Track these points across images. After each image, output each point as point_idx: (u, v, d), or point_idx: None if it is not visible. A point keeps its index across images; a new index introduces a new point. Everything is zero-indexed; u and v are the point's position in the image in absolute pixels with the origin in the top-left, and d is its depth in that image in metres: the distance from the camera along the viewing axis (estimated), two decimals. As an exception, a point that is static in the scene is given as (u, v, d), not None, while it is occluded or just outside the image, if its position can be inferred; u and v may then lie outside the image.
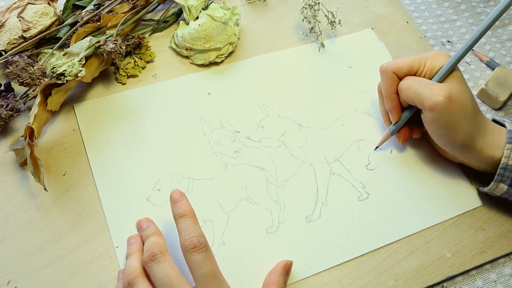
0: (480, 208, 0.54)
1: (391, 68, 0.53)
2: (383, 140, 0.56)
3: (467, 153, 0.51)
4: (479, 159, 0.51)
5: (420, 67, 0.52)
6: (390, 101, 0.54)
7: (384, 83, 0.54)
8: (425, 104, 0.49)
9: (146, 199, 0.52)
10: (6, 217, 0.50)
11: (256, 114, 0.59)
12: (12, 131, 0.55)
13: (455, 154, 0.53)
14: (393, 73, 0.53)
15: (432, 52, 0.53)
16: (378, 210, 0.53)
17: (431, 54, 0.53)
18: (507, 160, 0.49)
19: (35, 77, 0.52)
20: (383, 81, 0.54)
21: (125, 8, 0.62)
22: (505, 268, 0.52)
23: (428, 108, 0.49)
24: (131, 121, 0.57)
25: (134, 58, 0.61)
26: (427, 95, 0.49)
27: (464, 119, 0.49)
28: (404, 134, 0.55)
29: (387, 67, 0.53)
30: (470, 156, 0.51)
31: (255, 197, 0.53)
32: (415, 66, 0.52)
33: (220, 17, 0.61)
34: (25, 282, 0.47)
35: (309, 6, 0.64)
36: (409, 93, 0.51)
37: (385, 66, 0.53)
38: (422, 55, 0.53)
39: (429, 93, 0.49)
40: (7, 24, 0.58)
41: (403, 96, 0.52)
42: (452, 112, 0.49)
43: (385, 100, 0.54)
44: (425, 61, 0.52)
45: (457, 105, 0.49)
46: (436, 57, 0.52)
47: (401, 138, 0.56)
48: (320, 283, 0.49)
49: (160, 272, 0.42)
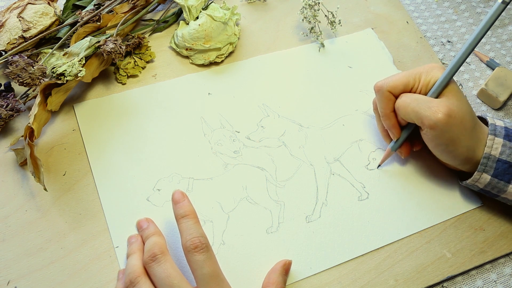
0: (480, 208, 0.54)
1: (386, 87, 0.52)
2: (385, 157, 0.56)
3: (469, 164, 0.50)
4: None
5: (415, 83, 0.51)
6: (388, 120, 0.53)
7: (380, 103, 0.53)
8: (425, 123, 0.48)
9: (146, 199, 0.52)
10: (6, 217, 0.50)
11: (256, 114, 0.59)
12: (12, 131, 0.55)
13: (456, 166, 0.52)
14: (389, 92, 0.52)
15: (425, 66, 0.52)
16: (378, 210, 0.53)
17: (425, 69, 0.52)
18: (490, 150, 0.49)
19: (35, 77, 0.52)
20: (379, 100, 0.53)
21: (125, 8, 0.62)
22: (505, 268, 0.52)
23: (428, 126, 0.48)
24: (131, 121, 0.57)
25: (134, 58, 0.61)
26: (426, 113, 0.48)
27: (465, 133, 0.49)
28: (405, 149, 0.55)
29: (382, 86, 0.52)
30: (472, 167, 0.51)
31: (255, 197, 0.53)
32: (410, 83, 0.51)
33: (220, 17, 0.61)
34: (25, 282, 0.47)
35: (309, 6, 0.64)
36: (407, 111, 0.50)
37: (379, 85, 0.52)
38: (416, 70, 0.52)
39: (427, 111, 0.48)
40: (7, 24, 0.58)
41: (401, 114, 0.51)
42: (452, 128, 0.48)
43: (383, 120, 0.53)
44: (420, 76, 0.51)
45: (456, 121, 0.48)
46: (429, 71, 0.51)
47: (403, 153, 0.55)
48: (320, 283, 0.49)
49: (161, 272, 0.42)
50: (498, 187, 0.49)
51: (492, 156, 0.49)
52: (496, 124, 0.50)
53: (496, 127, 0.50)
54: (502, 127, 0.50)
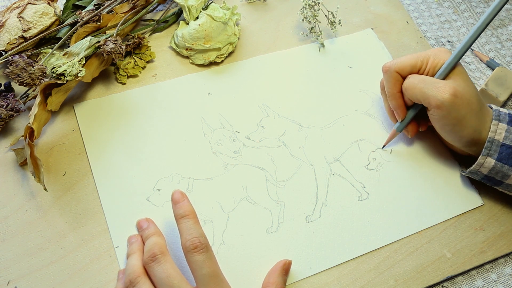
0: (480, 208, 0.54)
1: (394, 68, 0.53)
2: (390, 138, 0.57)
3: (475, 146, 0.51)
4: None
5: (423, 65, 0.53)
6: (395, 100, 0.54)
7: (387, 83, 0.54)
8: (432, 103, 0.49)
9: (146, 199, 0.52)
10: (6, 217, 0.50)
11: (256, 114, 0.59)
12: (12, 131, 0.55)
13: (463, 148, 0.53)
14: (397, 73, 0.53)
15: (434, 49, 0.53)
16: (378, 210, 0.53)
17: (433, 52, 0.53)
18: (493, 135, 0.49)
19: (35, 77, 0.52)
20: (386, 80, 0.54)
21: (125, 8, 0.62)
22: (505, 268, 0.52)
23: (434, 106, 0.49)
24: (131, 121, 0.57)
25: (134, 58, 0.61)
26: (432, 93, 0.49)
27: (471, 114, 0.49)
28: (412, 128, 0.56)
29: (390, 67, 0.53)
30: (478, 149, 0.51)
31: (255, 197, 0.53)
32: (417, 64, 0.53)
33: (220, 17, 0.61)
34: (25, 282, 0.47)
35: (309, 6, 0.64)
36: (414, 92, 0.51)
37: (388, 65, 0.53)
38: (424, 53, 0.53)
39: (434, 91, 0.49)
40: (7, 24, 0.58)
41: (408, 95, 0.52)
42: (458, 109, 0.49)
43: (389, 100, 0.54)
44: (428, 58, 0.52)
45: (463, 101, 0.49)
46: (438, 54, 0.52)
47: (410, 132, 0.56)
48: (320, 283, 0.49)
49: (161, 273, 0.42)
50: (503, 172, 0.50)
51: (496, 140, 0.49)
52: (500, 110, 0.51)
53: (500, 113, 0.51)
54: (506, 113, 0.51)
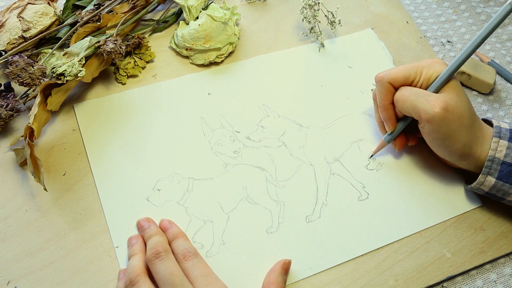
0: (480, 208, 0.54)
1: (387, 79, 0.52)
2: (378, 148, 0.56)
3: (465, 160, 0.51)
4: (478, 166, 0.50)
5: (416, 77, 0.51)
6: (385, 112, 0.53)
7: (379, 94, 0.53)
8: (422, 116, 0.49)
9: (146, 199, 0.52)
10: (6, 217, 0.50)
11: (256, 114, 0.59)
12: (12, 131, 0.55)
13: (453, 162, 0.52)
14: (389, 84, 0.52)
15: (428, 61, 0.52)
16: (378, 210, 0.53)
17: (427, 63, 0.52)
18: (494, 153, 0.49)
19: (35, 77, 0.52)
20: (378, 91, 0.53)
21: (125, 8, 0.62)
22: (505, 268, 0.52)
23: (425, 120, 0.49)
24: (131, 121, 0.57)
25: (134, 58, 0.61)
26: (423, 107, 0.48)
27: (462, 129, 0.49)
28: (400, 142, 0.55)
29: (383, 77, 0.52)
30: (468, 163, 0.51)
31: (255, 197, 0.53)
32: (411, 76, 0.52)
33: (220, 17, 0.61)
34: (25, 282, 0.47)
35: (309, 6, 0.64)
36: (405, 104, 0.50)
37: (381, 76, 0.52)
38: (418, 64, 0.52)
39: (425, 105, 0.48)
40: (7, 24, 0.58)
41: (399, 107, 0.51)
42: (449, 123, 0.48)
43: (380, 111, 0.54)
44: (421, 70, 0.51)
45: (454, 116, 0.48)
46: (432, 66, 0.51)
47: (397, 146, 0.55)
48: (320, 283, 0.49)
49: (164, 270, 0.43)
50: (503, 190, 0.49)
51: (496, 158, 0.49)
52: (501, 126, 0.50)
53: (501, 129, 0.50)
54: (507, 129, 0.50)
